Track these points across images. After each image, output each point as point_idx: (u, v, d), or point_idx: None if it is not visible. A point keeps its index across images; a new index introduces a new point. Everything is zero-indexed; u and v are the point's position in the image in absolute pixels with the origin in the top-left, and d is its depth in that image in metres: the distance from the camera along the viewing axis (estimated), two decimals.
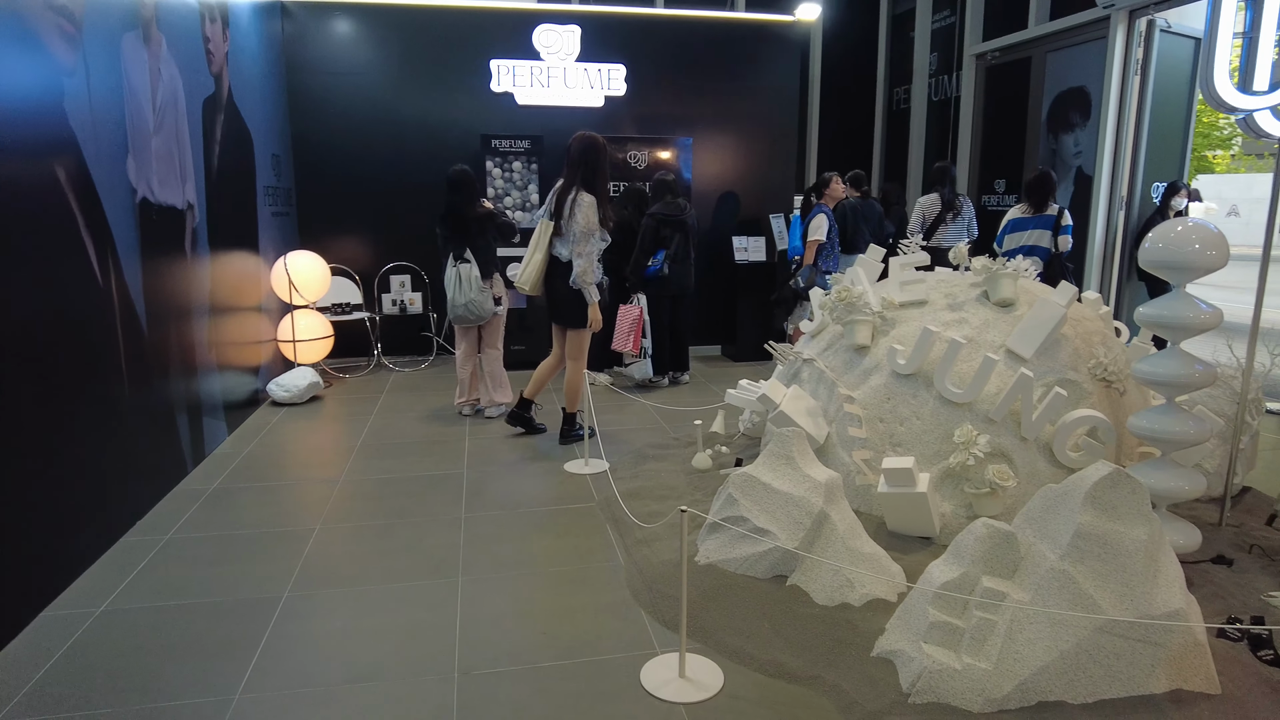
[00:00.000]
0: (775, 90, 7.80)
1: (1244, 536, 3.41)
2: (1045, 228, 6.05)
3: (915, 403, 3.38)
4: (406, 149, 7.11)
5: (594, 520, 3.72)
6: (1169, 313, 2.86)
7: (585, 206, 4.39)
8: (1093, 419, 3.13)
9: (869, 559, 2.82)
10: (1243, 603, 2.87)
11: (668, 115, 7.53)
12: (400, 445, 4.84)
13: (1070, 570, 2.29)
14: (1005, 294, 3.48)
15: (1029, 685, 2.25)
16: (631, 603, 2.97)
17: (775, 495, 2.91)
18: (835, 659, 2.52)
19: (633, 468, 4.31)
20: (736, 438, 4.60)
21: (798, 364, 3.98)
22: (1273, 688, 2.40)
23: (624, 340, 6.05)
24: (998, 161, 8.47)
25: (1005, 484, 3.05)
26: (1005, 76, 8.34)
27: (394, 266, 7.19)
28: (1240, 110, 3.06)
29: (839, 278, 4.01)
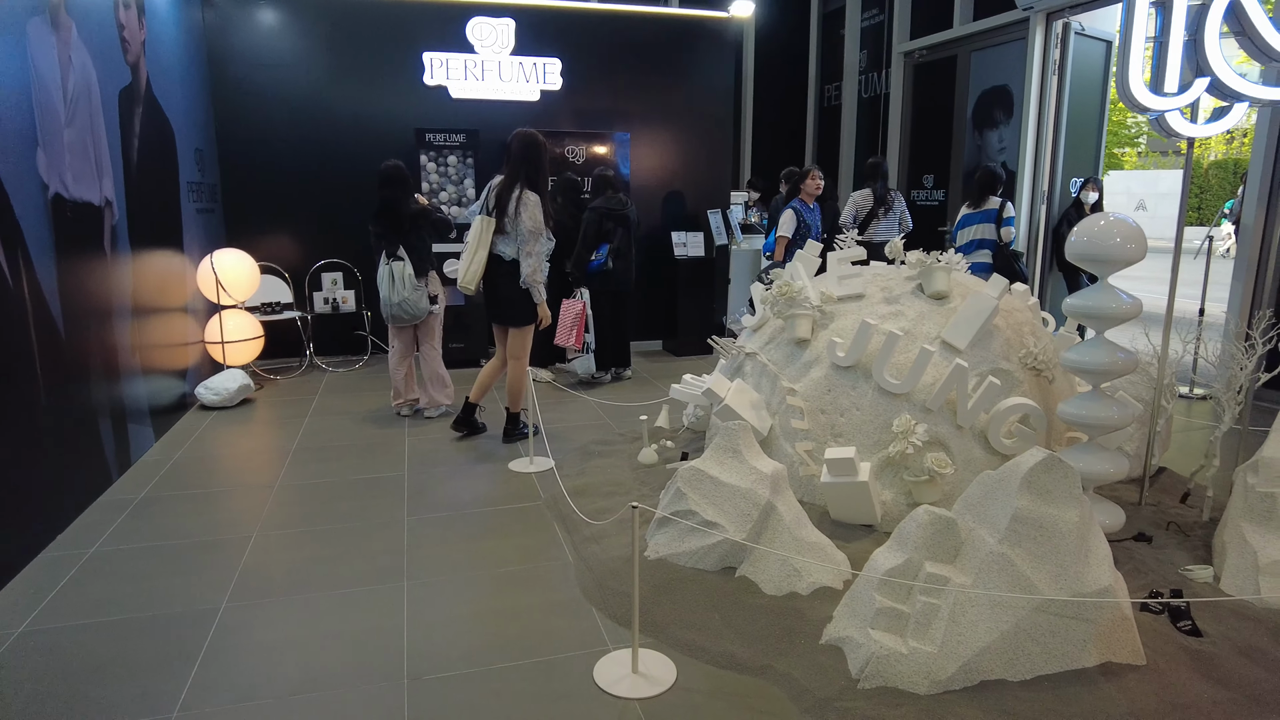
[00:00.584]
0: (710, 86, 7.86)
1: (1161, 514, 3.59)
2: (988, 221, 6.33)
3: (855, 394, 3.46)
4: (337, 143, 6.93)
5: (541, 519, 3.70)
6: (1094, 304, 2.99)
7: (532, 205, 4.35)
8: (1025, 407, 3.26)
9: (815, 548, 2.88)
10: (1162, 577, 3.02)
11: (605, 110, 7.51)
12: (338, 448, 4.72)
13: (1008, 553, 2.37)
14: (939, 287, 3.59)
15: (971, 666, 2.33)
16: (582, 601, 2.96)
17: (723, 488, 2.94)
18: (785, 648, 2.56)
19: (578, 465, 4.30)
20: (681, 432, 4.63)
21: (740, 358, 4.03)
22: (1191, 656, 2.54)
23: (567, 335, 6.02)
24: (926, 157, 8.71)
25: (943, 471, 3.15)
26: (932, 74, 8.58)
27: (325, 264, 7.00)
28: (1153, 110, 3.21)
29: (779, 273, 4.06)
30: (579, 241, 6.09)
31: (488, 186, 4.54)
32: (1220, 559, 3.02)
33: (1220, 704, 2.33)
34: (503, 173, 4.48)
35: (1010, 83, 7.54)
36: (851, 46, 9.86)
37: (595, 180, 6.28)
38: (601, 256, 6.10)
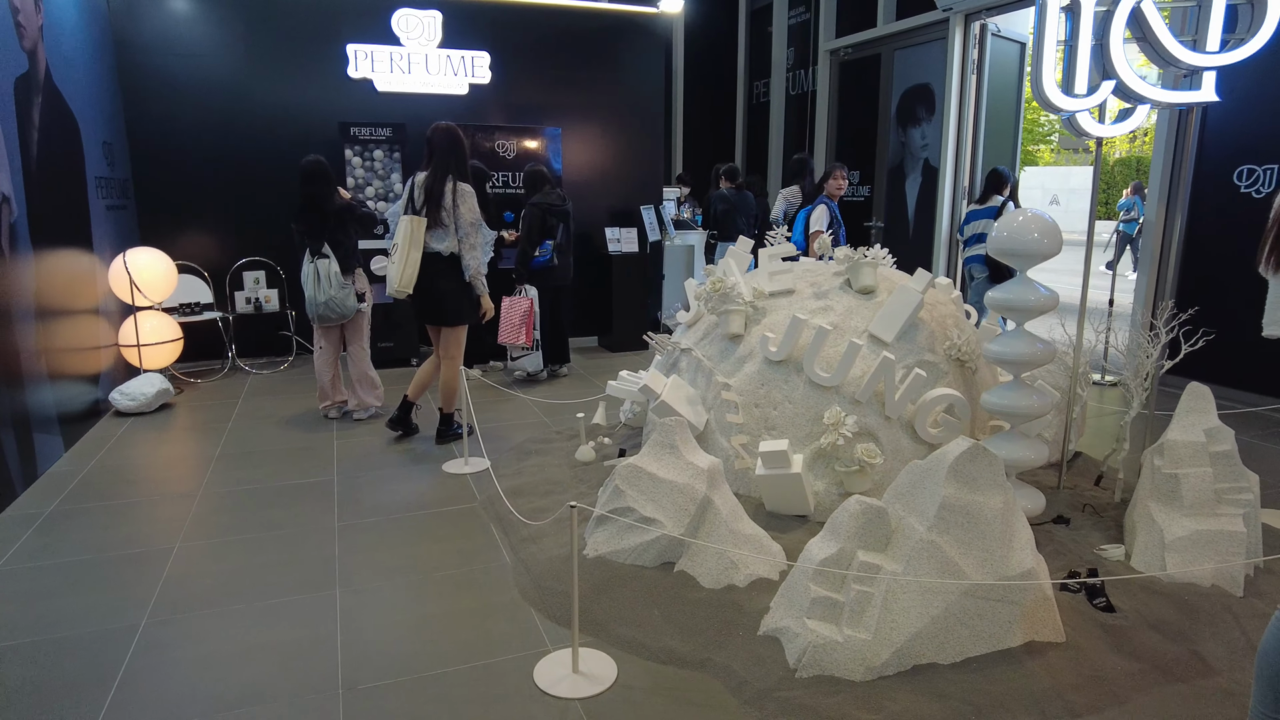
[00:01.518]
0: (641, 81, 7.87)
1: (1078, 497, 3.76)
2: (990, 217, 6.55)
3: (787, 388, 3.52)
4: (258, 137, 6.69)
5: (477, 521, 3.65)
6: (1014, 296, 3.11)
7: (468, 197, 4.31)
8: (950, 397, 3.36)
9: (751, 540, 2.92)
10: (1079, 557, 3.17)
11: (535, 105, 7.44)
12: (264, 453, 4.57)
13: (937, 540, 2.45)
14: (866, 282, 3.67)
15: (904, 651, 2.40)
16: (520, 602, 2.94)
17: (660, 484, 2.95)
18: (724, 641, 2.59)
19: (515, 464, 4.26)
20: (618, 428, 4.63)
21: (676, 354, 4.05)
22: (1106, 631, 2.67)
23: (515, 333, 5.95)
24: (852, 153, 8.90)
25: (872, 461, 3.23)
26: (857, 72, 8.77)
27: (247, 262, 6.75)
28: (1064, 111, 3.35)
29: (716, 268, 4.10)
30: (523, 238, 6.01)
31: (409, 183, 4.44)
32: (1131, 538, 3.17)
33: (1132, 675, 2.46)
34: (424, 168, 4.39)
35: (932, 81, 7.77)
36: (779, 44, 10.01)
37: (530, 175, 6.19)
38: (547, 252, 6.07)
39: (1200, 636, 2.65)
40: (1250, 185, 5.56)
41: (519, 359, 6.32)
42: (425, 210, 4.31)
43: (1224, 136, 5.70)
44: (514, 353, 6.33)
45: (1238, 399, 5.45)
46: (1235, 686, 2.42)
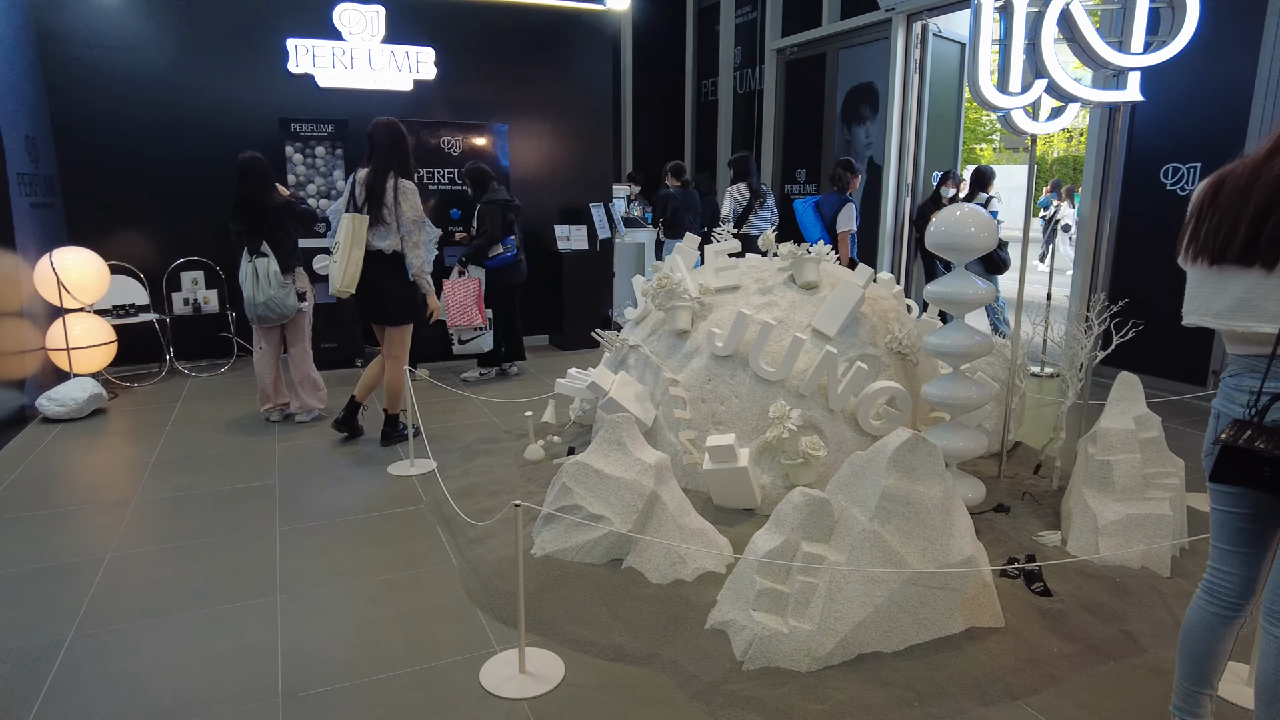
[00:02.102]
0: (589, 78, 7.84)
1: (1018, 485, 3.86)
2: None
3: (734, 382, 3.54)
4: (195, 132, 6.49)
5: (423, 523, 3.60)
6: (952, 290, 3.17)
7: (410, 193, 4.24)
8: (891, 389, 3.42)
9: (699, 535, 2.93)
10: (1018, 544, 3.25)
11: (481, 101, 7.37)
12: (203, 458, 4.44)
13: (879, 530, 2.48)
14: (809, 277, 3.72)
15: (849, 640, 2.43)
16: (467, 603, 2.90)
17: (608, 481, 2.94)
18: (672, 635, 2.60)
19: (462, 465, 4.21)
20: (568, 426, 4.61)
21: (624, 351, 4.04)
22: (1043, 615, 2.74)
23: (468, 314, 5.87)
24: (799, 152, 9.01)
25: (816, 454, 3.27)
26: (803, 71, 8.87)
27: (185, 262, 6.55)
28: (1000, 109, 3.43)
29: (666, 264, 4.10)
30: (482, 235, 5.92)
31: (351, 180, 4.35)
32: (1067, 523, 3.27)
33: (1068, 656, 2.53)
34: (365, 164, 4.30)
35: (876, 80, 7.89)
36: (726, 43, 10.07)
37: (476, 173, 6.10)
38: (512, 250, 6.01)
39: (1130, 616, 2.74)
40: (1175, 183, 5.77)
41: (469, 341, 6.22)
42: (367, 208, 4.22)
43: (1151, 136, 5.91)
44: (463, 334, 6.22)
45: (1166, 387, 5.64)
46: (1162, 663, 2.51)
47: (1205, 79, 5.54)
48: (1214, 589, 1.98)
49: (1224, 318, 1.81)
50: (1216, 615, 1.97)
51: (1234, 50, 5.38)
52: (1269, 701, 1.85)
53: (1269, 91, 5.22)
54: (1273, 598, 1.84)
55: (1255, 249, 1.72)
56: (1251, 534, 1.91)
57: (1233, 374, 1.88)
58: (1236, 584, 1.94)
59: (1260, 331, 1.74)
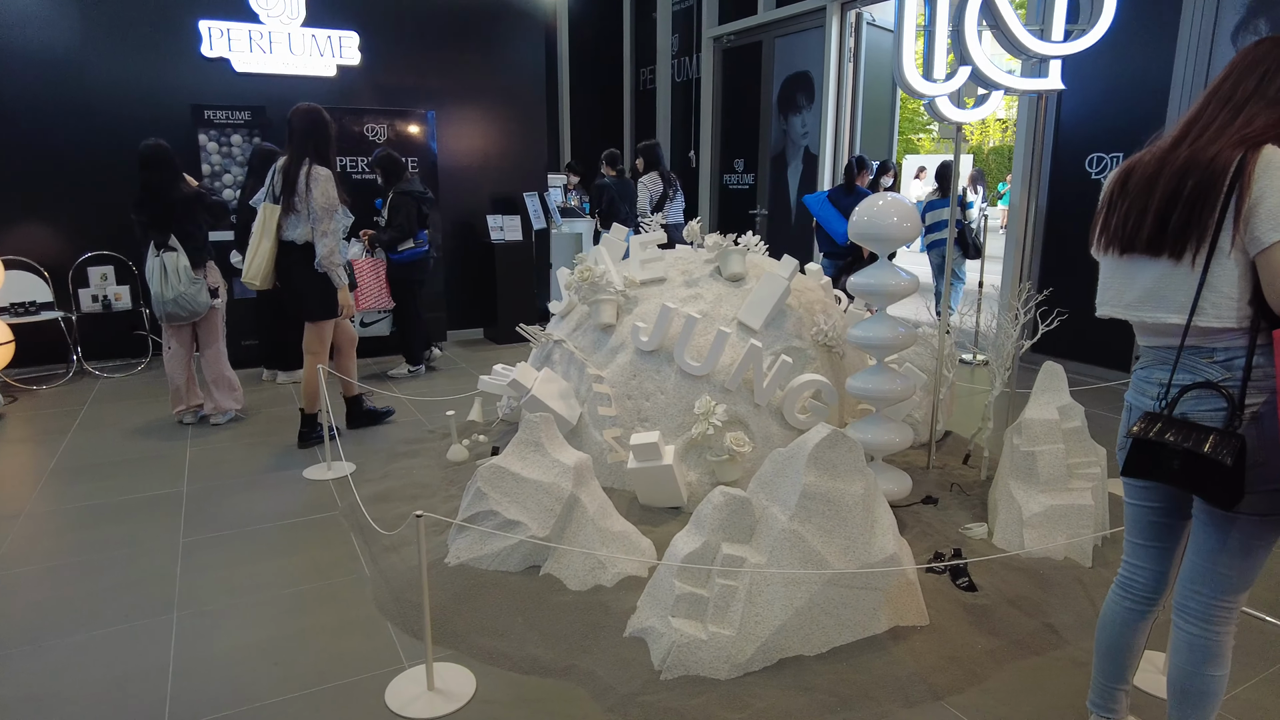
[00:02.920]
0: (521, 65, 7.65)
1: (947, 476, 3.84)
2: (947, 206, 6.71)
3: (659, 378, 3.44)
4: (100, 119, 6.13)
5: (337, 531, 3.43)
6: (875, 281, 3.12)
7: (323, 180, 4.07)
8: (816, 383, 3.36)
9: (620, 538, 2.82)
10: (945, 537, 3.22)
11: (409, 87, 7.12)
12: (106, 465, 4.18)
13: (799, 529, 2.41)
14: (735, 269, 3.63)
15: (769, 645, 2.36)
16: (378, 617, 2.75)
17: (525, 484, 2.82)
18: (589, 645, 2.49)
19: (382, 467, 4.03)
20: (496, 424, 4.47)
21: (550, 346, 3.91)
22: (968, 610, 2.71)
23: (377, 296, 5.68)
24: (737, 141, 8.95)
25: (741, 450, 3.19)
26: (740, 60, 8.80)
27: (92, 257, 6.20)
28: (924, 96, 3.38)
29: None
30: (394, 227, 5.70)
31: (271, 170, 4.23)
32: (993, 516, 3.25)
33: (991, 652, 2.50)
34: (285, 152, 4.18)
35: (811, 69, 7.86)
36: (663, 31, 9.95)
37: (387, 161, 5.83)
38: (426, 243, 5.78)
39: (1053, 609, 2.73)
40: (1100, 173, 5.86)
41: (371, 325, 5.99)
42: (282, 197, 4.08)
43: (1077, 127, 5.98)
44: (366, 317, 5.99)
45: (1097, 374, 5.74)
46: (1083, 655, 2.49)
47: (1127, 70, 5.62)
48: (1128, 584, 1.95)
49: (1134, 309, 1.77)
50: (1131, 610, 1.94)
51: (1153, 42, 5.47)
52: (1181, 698, 1.83)
53: (1185, 83, 5.31)
54: (1183, 592, 1.81)
55: (1162, 239, 1.68)
56: (1163, 527, 1.88)
57: (1143, 366, 1.84)
58: (1150, 578, 1.92)
59: (1169, 322, 1.70)
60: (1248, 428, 1.62)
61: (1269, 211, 1.55)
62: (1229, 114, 1.65)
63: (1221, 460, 1.56)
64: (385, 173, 5.86)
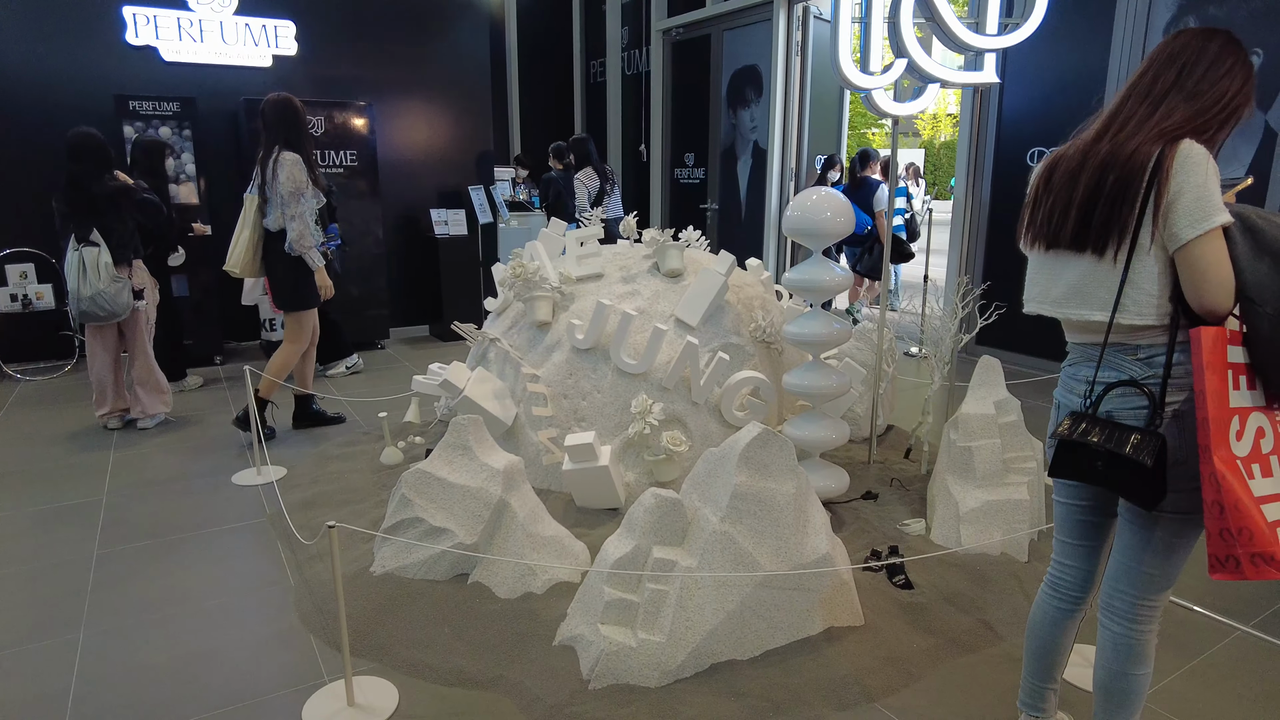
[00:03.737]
0: (466, 57, 7.49)
1: (888, 471, 3.83)
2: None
3: (596, 376, 3.37)
4: (16, 110, 5.83)
5: (263, 539, 3.29)
6: (809, 277, 3.08)
7: (288, 164, 4.05)
8: (754, 380, 3.31)
9: (551, 543, 2.74)
10: (883, 534, 3.20)
11: (348, 79, 6.92)
12: (21, 474, 3.97)
13: (730, 531, 2.36)
14: (673, 265, 3.57)
15: (701, 650, 2.30)
16: (301, 630, 2.63)
17: (452, 490, 2.72)
18: (518, 655, 2.41)
19: (314, 471, 3.89)
20: (433, 425, 4.35)
21: (485, 344, 3.81)
22: (904, 609, 2.69)
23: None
24: (687, 135, 8.89)
25: (679, 449, 3.13)
26: (689, 53, 8.73)
27: (10, 254, 5.91)
28: (861, 89, 3.35)
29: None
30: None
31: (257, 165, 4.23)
32: (931, 511, 3.24)
33: (926, 651, 2.48)
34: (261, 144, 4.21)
35: (759, 62, 7.83)
36: (613, 23, 9.83)
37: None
38: (337, 238, 5.48)
39: (989, 605, 2.72)
40: None
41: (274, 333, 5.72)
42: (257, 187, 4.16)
43: (1018, 121, 6.04)
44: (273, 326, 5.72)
45: (1039, 365, 5.81)
46: (1017, 651, 2.48)
47: (1065, 65, 5.68)
48: (1057, 583, 1.93)
49: (1060, 305, 1.74)
50: (1060, 610, 1.93)
51: (1089, 37, 5.53)
52: (1106, 697, 1.82)
53: (1121, 77, 5.39)
54: (1109, 592, 1.80)
55: (1085, 235, 1.65)
56: (1092, 526, 1.86)
57: (1071, 363, 1.82)
58: (1079, 577, 1.90)
59: (1093, 320, 1.67)
60: (1168, 426, 1.60)
61: (1186, 208, 1.52)
62: (1148, 108, 1.63)
63: (1142, 461, 1.54)
64: None
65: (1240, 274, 1.54)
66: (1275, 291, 1.53)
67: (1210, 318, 1.56)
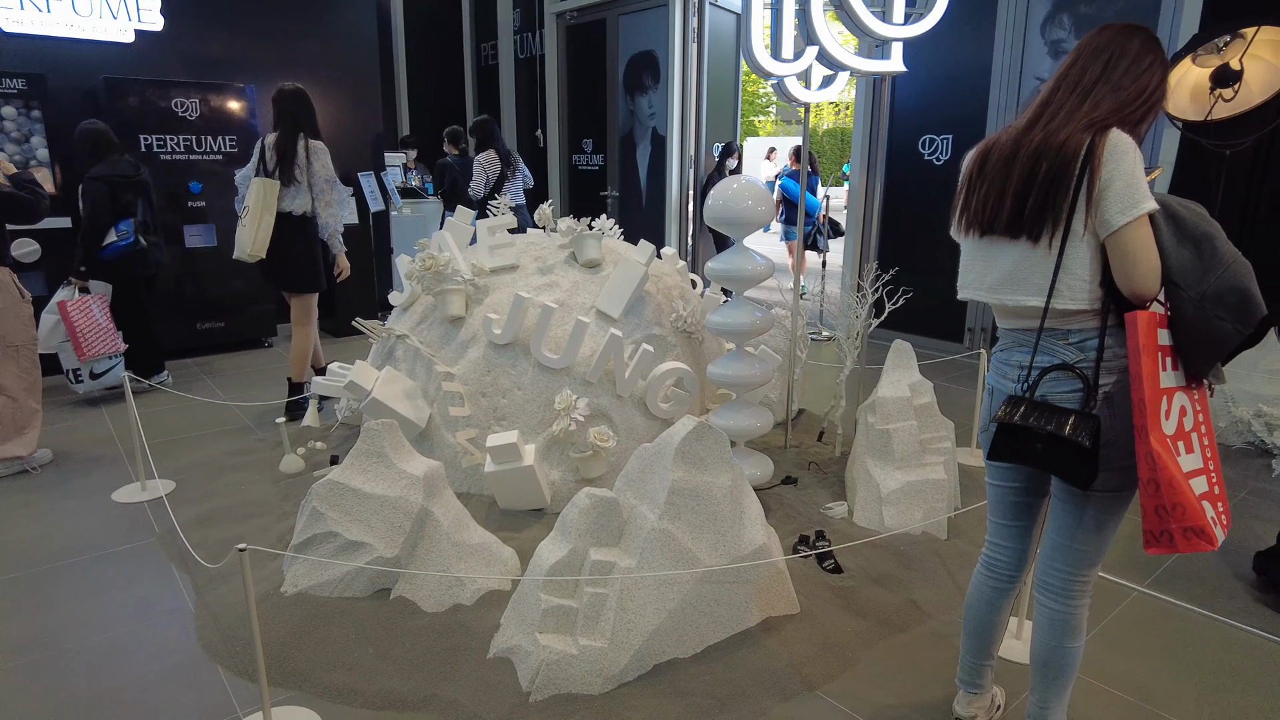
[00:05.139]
0: (352, 36, 7.11)
1: (804, 455, 3.89)
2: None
3: (515, 373, 3.24)
4: None
5: (154, 561, 3.01)
6: (732, 266, 3.06)
7: (322, 153, 4.31)
8: (678, 371, 3.27)
9: (478, 550, 2.62)
10: (808, 518, 3.24)
11: (222, 58, 6.43)
12: None
13: (669, 528, 2.31)
14: (591, 255, 3.48)
15: (643, 652, 2.25)
16: (206, 660, 2.41)
17: (367, 500, 2.55)
18: (450, 671, 2.29)
19: (206, 484, 3.60)
20: (335, 429, 4.11)
21: (391, 341, 3.61)
22: (836, 593, 2.72)
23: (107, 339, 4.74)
24: (585, 121, 8.76)
25: (605, 444, 3.06)
26: (585, 37, 8.60)
27: None
28: (774, 76, 3.35)
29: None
30: (86, 222, 4.73)
31: (259, 147, 4.32)
32: (852, 494, 3.30)
33: (861, 634, 2.52)
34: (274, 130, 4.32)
35: (656, 49, 7.79)
36: (504, 5, 9.56)
37: (88, 137, 4.85)
38: (129, 234, 4.80)
39: (915, 584, 2.79)
40: (931, 153, 6.15)
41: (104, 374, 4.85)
42: (278, 172, 4.22)
43: (910, 108, 6.24)
44: (96, 366, 4.82)
45: (934, 346, 6.05)
46: (944, 628, 2.56)
47: (952, 56, 5.90)
48: (992, 563, 1.98)
49: (995, 291, 1.77)
50: (995, 589, 1.98)
51: (974, 29, 5.77)
52: (1044, 669, 1.87)
53: (1003, 68, 5.65)
54: (1044, 569, 1.85)
55: (1020, 221, 1.68)
56: (1024, 506, 1.91)
57: (1003, 348, 1.85)
58: (1013, 557, 1.95)
59: (1028, 305, 1.70)
60: (1101, 408, 1.65)
61: (1117, 195, 1.57)
62: (1077, 98, 1.67)
63: (1080, 442, 1.58)
64: (86, 153, 4.85)
65: (1165, 259, 1.60)
66: (1197, 276, 1.60)
67: (1138, 301, 1.61)
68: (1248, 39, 4.05)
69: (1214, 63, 4.14)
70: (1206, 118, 4.20)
